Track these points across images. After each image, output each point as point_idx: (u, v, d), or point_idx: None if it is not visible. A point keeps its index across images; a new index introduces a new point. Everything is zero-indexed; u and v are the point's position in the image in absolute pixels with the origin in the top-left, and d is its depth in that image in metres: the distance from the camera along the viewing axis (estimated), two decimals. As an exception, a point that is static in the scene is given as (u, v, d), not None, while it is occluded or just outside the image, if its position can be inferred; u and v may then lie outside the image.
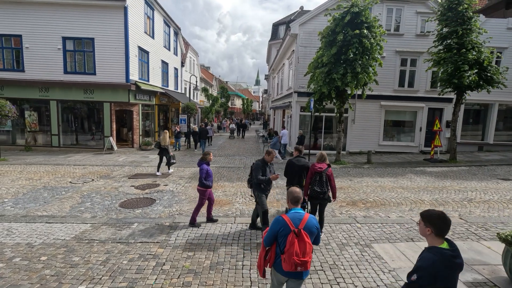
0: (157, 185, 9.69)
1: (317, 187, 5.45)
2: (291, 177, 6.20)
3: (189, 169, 12.42)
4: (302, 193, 3.09)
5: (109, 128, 16.43)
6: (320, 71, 12.22)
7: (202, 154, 6.51)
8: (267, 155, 5.81)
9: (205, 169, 6.20)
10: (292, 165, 6.17)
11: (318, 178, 5.50)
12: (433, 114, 16.92)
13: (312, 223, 2.86)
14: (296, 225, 2.77)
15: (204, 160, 6.37)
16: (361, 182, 10.46)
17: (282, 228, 2.81)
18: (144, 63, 18.51)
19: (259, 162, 5.74)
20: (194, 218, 6.25)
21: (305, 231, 2.76)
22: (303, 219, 2.82)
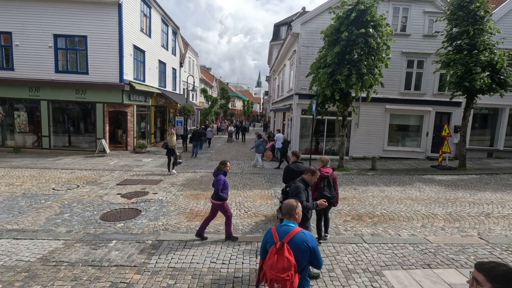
0: (145, 193, 8.97)
1: (327, 192, 5.50)
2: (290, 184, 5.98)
3: (183, 175, 11.70)
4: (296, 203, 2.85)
5: (101, 130, 15.74)
6: (323, 71, 11.51)
7: (219, 164, 5.87)
8: (311, 175, 4.50)
9: (222, 180, 5.62)
10: (291, 171, 5.99)
11: (326, 183, 5.57)
12: (441, 118, 16.17)
13: (301, 239, 2.59)
14: (281, 238, 2.60)
15: (220, 170, 5.77)
16: (366, 191, 9.71)
17: (269, 240, 2.69)
18: (140, 62, 17.84)
19: (300, 184, 4.39)
20: (229, 231, 5.78)
21: (290, 245, 2.54)
22: (290, 232, 2.62)
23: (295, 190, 4.32)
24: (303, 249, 2.56)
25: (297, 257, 2.53)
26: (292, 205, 2.77)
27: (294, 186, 4.42)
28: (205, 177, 11.45)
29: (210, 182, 10.46)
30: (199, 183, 10.36)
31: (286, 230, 2.65)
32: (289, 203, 2.81)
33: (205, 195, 8.90)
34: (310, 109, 13.29)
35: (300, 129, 15.77)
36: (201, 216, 7.07)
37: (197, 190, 9.47)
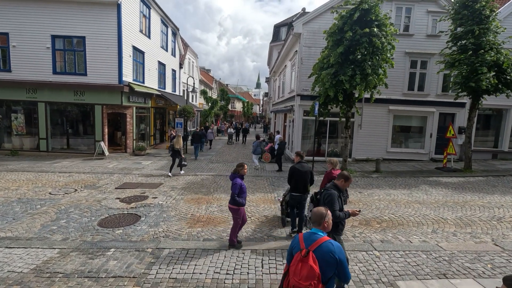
0: (145, 197, 8.70)
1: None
2: (296, 184, 6.00)
3: (184, 178, 11.44)
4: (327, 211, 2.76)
5: (100, 132, 15.47)
6: (326, 72, 11.27)
7: (236, 166, 5.64)
8: (344, 181, 4.10)
9: (239, 184, 5.38)
10: (296, 171, 5.98)
11: None
12: (445, 119, 15.94)
13: (328, 249, 2.50)
14: (307, 246, 2.54)
15: (237, 173, 5.55)
16: (372, 195, 9.46)
17: (295, 246, 2.65)
18: (139, 63, 17.61)
19: (334, 192, 3.96)
20: (232, 239, 5.52)
21: (316, 254, 2.47)
22: (317, 241, 2.55)
23: (328, 198, 3.92)
24: (329, 260, 2.47)
25: (322, 267, 2.46)
26: (321, 213, 2.69)
27: (327, 193, 3.99)
28: (206, 180, 11.19)
29: (211, 185, 10.23)
30: (200, 187, 10.10)
31: (313, 238, 2.59)
32: (318, 211, 2.73)
33: (206, 199, 8.64)
34: (312, 110, 13.04)
35: (302, 130, 15.51)
36: (203, 222, 6.81)
37: (198, 194, 9.21)
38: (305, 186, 6.00)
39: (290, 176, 6.14)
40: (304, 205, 6.15)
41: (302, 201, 6.09)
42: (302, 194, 6.03)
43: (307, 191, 6.07)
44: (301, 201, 6.09)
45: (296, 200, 6.07)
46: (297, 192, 6.03)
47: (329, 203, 3.85)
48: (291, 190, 6.11)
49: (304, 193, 6.06)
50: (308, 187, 6.06)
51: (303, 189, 6.01)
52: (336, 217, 3.79)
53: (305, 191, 6.03)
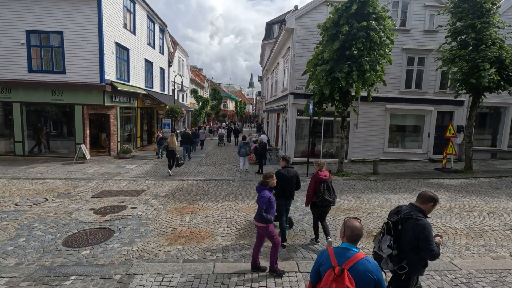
0: (123, 207, 7.84)
1: (327, 196, 5.39)
2: (282, 190, 5.73)
3: (169, 184, 10.59)
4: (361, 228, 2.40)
5: (81, 134, 14.48)
6: (321, 68, 10.55)
7: (263, 177, 4.76)
8: (433, 205, 3.15)
9: (267, 197, 4.57)
10: (282, 176, 5.71)
11: (326, 186, 5.42)
12: (443, 118, 15.41)
13: (366, 268, 2.24)
14: (340, 263, 2.29)
15: (265, 185, 4.71)
16: (371, 200, 8.77)
17: (324, 262, 2.39)
18: (123, 61, 16.63)
19: (427, 221, 2.99)
20: (273, 264, 4.64)
21: (351, 273, 2.21)
22: (352, 258, 2.28)
23: (423, 231, 2.89)
24: (367, 280, 2.21)
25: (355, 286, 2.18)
26: (361, 230, 2.36)
27: (419, 224, 2.95)
28: (193, 186, 10.36)
29: (198, 192, 9.41)
30: (185, 194, 9.27)
31: (347, 254, 2.30)
32: (356, 226, 2.36)
33: (191, 208, 7.82)
34: (306, 109, 12.31)
35: (296, 130, 14.78)
36: (185, 238, 6.00)
37: (183, 202, 8.38)
38: (290, 192, 5.83)
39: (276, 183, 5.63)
40: (288, 210, 5.97)
41: (287, 206, 5.89)
42: (287, 200, 5.84)
43: (292, 196, 5.93)
44: (286, 206, 5.88)
45: (281, 205, 5.81)
46: (283, 197, 5.78)
47: (426, 239, 2.87)
48: (276, 196, 5.72)
49: (289, 199, 5.88)
50: (293, 192, 5.93)
51: (289, 195, 5.82)
52: (434, 255, 2.91)
53: (290, 196, 5.86)
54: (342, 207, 8.07)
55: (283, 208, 5.84)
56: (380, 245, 3.14)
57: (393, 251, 3.05)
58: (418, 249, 2.96)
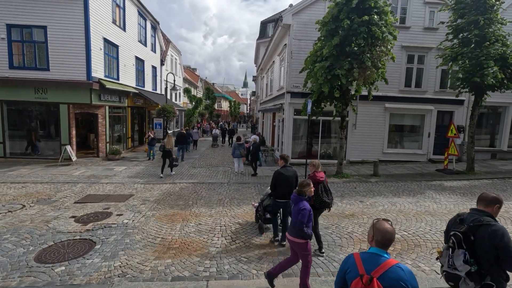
0: (108, 214, 7.18)
1: (325, 197, 5.18)
2: (281, 190, 5.51)
3: (159, 187, 9.93)
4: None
5: (67, 135, 13.71)
6: (320, 65, 10.02)
7: (298, 186, 4.17)
8: (499, 206, 2.73)
9: (308, 210, 3.96)
10: (281, 176, 5.54)
11: (323, 188, 5.21)
12: (443, 117, 15.07)
13: (398, 276, 1.93)
14: (368, 271, 2.01)
15: (303, 195, 4.10)
16: (375, 204, 8.27)
17: (350, 269, 2.13)
18: (112, 58, 15.89)
19: (503, 227, 2.59)
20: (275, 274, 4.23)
21: (382, 283, 1.93)
22: (382, 265, 2.00)
23: (502, 240, 2.46)
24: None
25: None
26: (393, 234, 2.11)
27: (499, 231, 2.51)
28: (185, 189, 9.73)
29: (190, 196, 8.77)
30: (177, 198, 8.63)
31: (376, 260, 2.07)
32: (388, 229, 2.09)
33: (183, 215, 7.21)
34: (304, 108, 11.79)
35: (293, 131, 14.25)
36: (175, 250, 5.39)
37: (173, 208, 7.75)
38: (290, 192, 5.29)
39: (274, 182, 5.63)
40: (289, 212, 5.47)
41: (286, 207, 5.58)
42: (287, 201, 5.46)
43: None
44: (285, 208, 5.63)
45: (279, 206, 5.67)
46: (282, 198, 5.53)
47: (506, 247, 2.44)
48: (275, 196, 5.63)
49: (289, 199, 5.34)
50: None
51: (288, 195, 5.32)
52: None
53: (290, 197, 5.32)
54: (345, 212, 7.55)
55: (278, 210, 5.74)
56: (452, 262, 2.64)
57: (471, 267, 2.56)
58: (499, 260, 2.50)
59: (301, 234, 3.90)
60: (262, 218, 6.17)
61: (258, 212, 6.39)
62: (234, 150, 12.17)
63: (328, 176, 11.83)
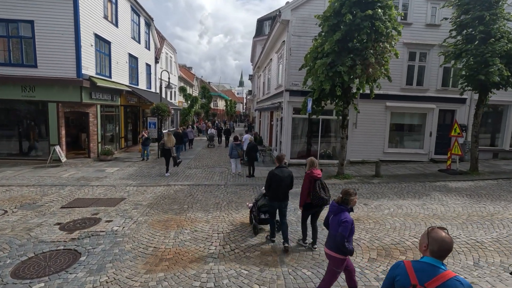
0: (96, 220, 6.67)
1: (323, 194, 5.12)
2: (276, 191, 5.41)
3: (153, 190, 9.43)
4: None
5: (56, 135, 13.12)
6: (321, 62, 9.59)
7: (342, 194, 3.68)
8: None
9: (350, 222, 3.52)
10: (276, 177, 5.39)
11: (320, 184, 5.17)
12: (444, 116, 14.75)
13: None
14: (421, 281, 1.90)
15: (345, 204, 3.66)
16: (380, 207, 7.87)
17: (400, 277, 2.03)
18: (104, 55, 15.31)
19: None
20: None
21: None
22: (438, 277, 1.87)
23: None
24: None
25: None
26: (451, 244, 1.93)
27: None
28: (180, 192, 9.24)
29: (186, 200, 8.29)
30: (171, 202, 8.15)
31: (431, 271, 1.90)
32: (445, 239, 1.92)
33: (177, 221, 6.73)
34: (304, 107, 11.39)
35: (292, 130, 13.81)
36: (168, 261, 4.92)
37: (167, 213, 7.27)
38: (285, 193, 5.46)
39: (268, 182, 5.49)
40: (285, 212, 5.56)
41: (282, 208, 5.52)
42: (282, 202, 5.46)
43: (287, 197, 5.54)
44: (280, 209, 5.52)
45: (275, 207, 5.53)
46: (277, 200, 5.44)
47: None
48: (270, 198, 5.52)
49: (284, 200, 5.49)
50: (288, 194, 5.55)
51: (283, 196, 5.45)
52: None
53: (285, 198, 5.49)
54: (349, 217, 7.13)
55: (275, 211, 5.59)
56: None
57: None
58: None
59: (341, 249, 3.47)
60: (256, 218, 5.99)
61: (252, 212, 6.25)
62: (231, 151, 11.70)
63: (329, 177, 11.45)
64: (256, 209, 5.99)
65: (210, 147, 21.16)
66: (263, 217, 5.86)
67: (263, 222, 5.95)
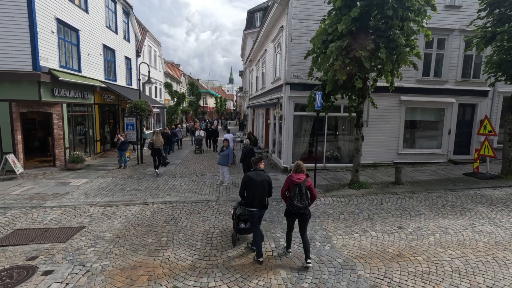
0: (29, 272, 4.57)
1: (297, 201, 4.64)
2: (251, 197, 4.89)
3: (125, 210, 7.34)
4: None
5: (9, 141, 10.82)
6: (335, 46, 7.62)
7: None
8: None
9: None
10: (250, 181, 4.93)
11: (298, 190, 4.69)
12: (464, 111, 13.08)
13: None
14: None
15: None
16: (420, 232, 6.02)
17: None
18: (71, 45, 13.00)
19: None
20: None
21: None
22: None
23: None
24: None
25: None
26: None
27: None
28: (159, 213, 7.18)
29: (165, 227, 6.21)
30: (146, 232, 6.09)
31: None
32: None
33: (150, 267, 4.69)
34: (311, 103, 9.47)
35: (293, 129, 11.87)
36: None
37: (137, 252, 5.22)
38: (261, 201, 4.93)
39: (242, 186, 5.08)
40: (260, 220, 5.14)
41: (261, 216, 5.09)
42: (259, 210, 4.95)
43: (265, 205, 5.01)
44: (259, 217, 5.05)
45: (256, 216, 4.94)
46: (252, 207, 4.92)
47: None
48: (246, 205, 5.02)
49: (260, 209, 4.97)
50: (266, 200, 5.02)
51: (259, 204, 4.92)
52: None
53: (261, 206, 4.96)
54: (387, 250, 5.25)
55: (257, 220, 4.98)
56: None
57: None
58: None
59: None
60: (235, 228, 5.47)
61: (233, 220, 5.63)
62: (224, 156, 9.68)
63: (342, 186, 9.59)
64: (236, 217, 5.43)
65: (197, 153, 17.50)
66: (243, 226, 5.39)
67: (244, 232, 5.47)
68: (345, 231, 6.12)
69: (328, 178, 10.68)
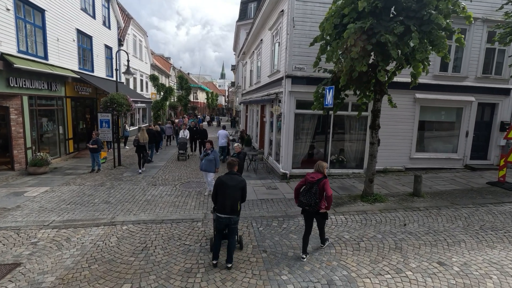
0: None
1: (303, 197, 4.73)
2: (222, 203, 4.52)
3: (83, 235, 5.66)
4: None
5: (-48, 140, 8.93)
6: (354, 27, 6.03)
7: None
8: None
9: None
10: (222, 185, 4.58)
11: (308, 188, 4.73)
12: (482, 111, 11.78)
13: None
14: None
15: None
16: (470, 272, 4.56)
17: None
18: (34, 27, 11.08)
19: None
20: None
21: None
22: None
23: None
24: None
25: None
26: None
27: None
28: (127, 240, 5.52)
29: (131, 264, 4.42)
30: (102, 273, 4.43)
31: None
32: None
33: None
34: (318, 99, 7.94)
35: (295, 129, 10.30)
36: None
37: (83, 314, 3.58)
38: (232, 207, 4.48)
39: (215, 192, 4.65)
40: (234, 229, 4.65)
41: (231, 224, 4.56)
42: (229, 216, 4.49)
43: (236, 211, 4.55)
44: (229, 225, 4.56)
45: (223, 223, 4.53)
46: (223, 213, 4.49)
47: None
48: (216, 209, 4.60)
49: (232, 215, 4.51)
50: (239, 206, 4.59)
51: (230, 210, 4.48)
52: None
53: (232, 212, 4.50)
54: (439, 307, 3.75)
55: (223, 226, 4.59)
56: None
57: None
58: None
59: None
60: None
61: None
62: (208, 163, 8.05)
63: (353, 198, 8.10)
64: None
65: (181, 159, 13.81)
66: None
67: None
68: (371, 270, 4.62)
69: (335, 187, 9.18)
